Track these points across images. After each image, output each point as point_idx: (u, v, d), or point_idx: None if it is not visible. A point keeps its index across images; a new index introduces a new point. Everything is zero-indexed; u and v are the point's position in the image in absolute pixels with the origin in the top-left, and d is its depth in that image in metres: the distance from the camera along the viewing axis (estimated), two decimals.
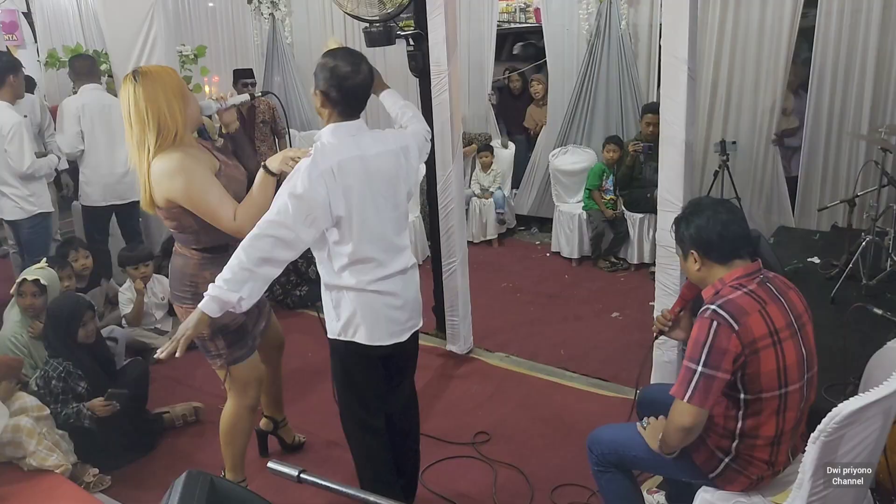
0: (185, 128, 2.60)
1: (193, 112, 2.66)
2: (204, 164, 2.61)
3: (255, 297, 2.31)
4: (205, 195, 2.53)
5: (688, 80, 2.99)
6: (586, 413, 3.68)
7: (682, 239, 2.28)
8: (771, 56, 5.29)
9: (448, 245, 4.20)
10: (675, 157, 3.11)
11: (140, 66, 2.65)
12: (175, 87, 2.58)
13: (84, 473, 3.22)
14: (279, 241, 2.26)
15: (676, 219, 2.32)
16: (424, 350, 4.39)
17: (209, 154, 2.72)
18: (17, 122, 4.47)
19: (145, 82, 2.54)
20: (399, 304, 2.58)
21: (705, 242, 2.20)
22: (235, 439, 2.95)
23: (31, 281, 3.72)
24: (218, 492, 1.72)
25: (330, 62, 2.42)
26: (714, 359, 2.04)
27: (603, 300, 5.22)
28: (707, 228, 2.19)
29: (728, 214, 2.21)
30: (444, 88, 3.89)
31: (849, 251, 4.14)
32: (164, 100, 2.54)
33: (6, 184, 4.56)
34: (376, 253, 2.48)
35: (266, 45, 7.86)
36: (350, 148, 2.40)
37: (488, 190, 6.50)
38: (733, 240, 2.19)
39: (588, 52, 6.03)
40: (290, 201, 2.26)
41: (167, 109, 2.54)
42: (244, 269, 2.25)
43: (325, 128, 2.46)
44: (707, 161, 5.73)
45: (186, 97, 2.62)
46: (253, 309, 2.84)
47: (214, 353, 2.78)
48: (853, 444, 1.95)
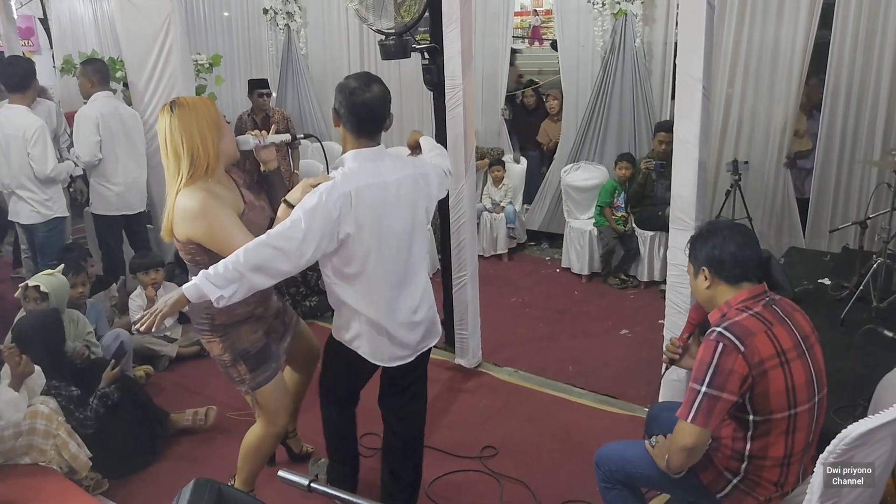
0: (218, 161, 2.60)
1: (228, 146, 2.65)
2: (228, 205, 2.58)
3: (236, 299, 2.31)
4: (228, 237, 2.49)
5: (702, 99, 2.99)
6: (594, 430, 3.67)
7: (695, 256, 2.30)
8: (784, 76, 5.29)
9: (459, 259, 4.21)
10: (689, 176, 3.11)
11: (178, 97, 2.65)
12: (211, 120, 2.58)
13: (84, 477, 3.24)
14: (282, 253, 2.29)
15: (693, 237, 2.35)
16: (433, 363, 4.38)
17: (236, 193, 2.70)
18: (40, 126, 4.53)
19: (181, 113, 2.55)
20: (410, 330, 2.63)
21: (718, 261, 2.22)
22: (256, 459, 2.95)
23: (32, 287, 3.75)
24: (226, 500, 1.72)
25: (343, 82, 2.48)
26: (719, 380, 2.05)
27: (612, 317, 5.21)
28: (722, 248, 2.22)
29: (743, 237, 2.23)
30: (458, 102, 3.91)
31: (860, 273, 4.12)
32: (198, 131, 2.54)
33: (24, 188, 4.61)
34: (390, 278, 2.53)
35: (281, 56, 7.94)
36: (370, 174, 2.45)
37: (499, 204, 6.52)
38: (745, 262, 2.21)
39: (602, 68, 6.05)
40: (303, 217, 2.30)
41: (200, 141, 2.54)
42: (237, 270, 2.25)
43: (347, 153, 2.51)
44: (719, 180, 5.73)
45: (221, 130, 2.62)
46: (278, 326, 2.94)
47: (238, 379, 2.78)
48: None
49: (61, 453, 3.10)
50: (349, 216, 2.38)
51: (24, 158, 4.55)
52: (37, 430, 3.06)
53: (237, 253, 2.27)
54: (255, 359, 2.75)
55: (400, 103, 7.21)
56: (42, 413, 3.10)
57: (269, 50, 7.96)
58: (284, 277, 2.38)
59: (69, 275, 4.10)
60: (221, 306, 2.30)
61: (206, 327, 2.70)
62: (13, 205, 4.74)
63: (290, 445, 3.47)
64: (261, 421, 2.88)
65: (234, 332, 2.70)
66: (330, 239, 2.37)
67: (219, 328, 2.68)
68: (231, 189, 2.68)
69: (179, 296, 2.30)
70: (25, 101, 4.64)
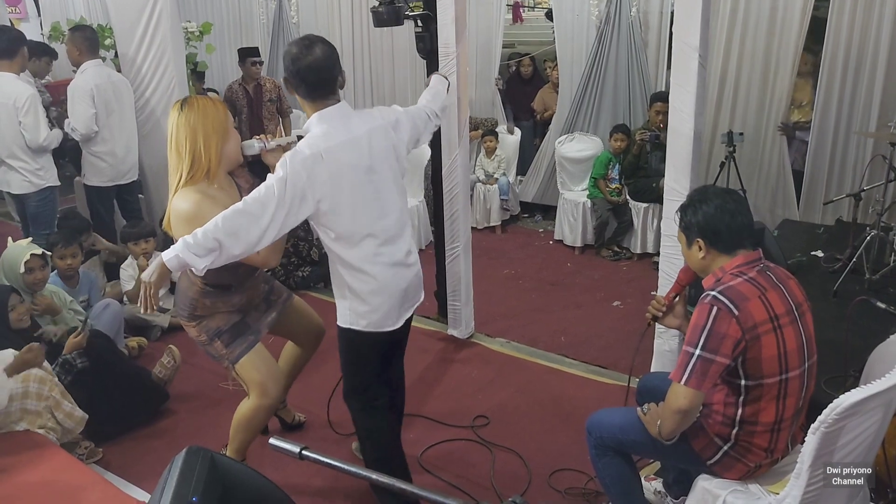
0: (220, 165, 2.64)
1: (231, 150, 2.68)
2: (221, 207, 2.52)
3: (217, 265, 2.32)
4: None
5: (699, 68, 2.97)
6: (585, 399, 3.68)
7: (688, 226, 2.27)
8: (781, 47, 5.25)
9: (452, 230, 4.19)
10: (683, 147, 3.09)
11: (190, 97, 2.70)
12: (217, 124, 2.61)
13: (77, 446, 3.25)
14: (255, 219, 2.28)
15: (682, 206, 2.31)
16: (425, 334, 4.44)
17: (235, 198, 2.66)
18: (32, 94, 4.48)
19: (188, 112, 2.59)
20: (410, 276, 2.66)
21: (712, 232, 2.20)
22: (248, 430, 2.95)
23: (38, 255, 3.71)
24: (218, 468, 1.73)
25: (286, 49, 2.47)
26: (713, 343, 2.06)
27: (604, 289, 5.22)
28: (715, 218, 2.19)
29: (735, 205, 2.21)
30: (451, 70, 3.86)
31: (853, 245, 4.13)
32: (203, 133, 2.58)
33: (15, 157, 4.56)
34: (380, 230, 2.53)
35: (272, 24, 7.82)
36: (339, 132, 2.44)
37: (493, 176, 6.48)
38: (740, 230, 2.20)
39: (597, 38, 5.99)
40: (275, 184, 2.30)
41: (203, 143, 2.58)
42: (215, 238, 2.25)
43: (312, 118, 2.49)
44: (713, 152, 5.70)
45: (226, 135, 2.65)
46: (260, 305, 2.96)
47: (217, 356, 2.85)
48: (853, 435, 1.95)
49: (55, 414, 3.09)
50: (322, 178, 2.35)
51: (15, 127, 4.49)
52: (30, 393, 3.06)
53: (215, 220, 2.27)
54: (228, 334, 2.82)
55: (393, 71, 7.15)
56: (34, 376, 3.10)
57: (259, 18, 7.85)
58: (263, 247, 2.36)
59: (58, 246, 4.06)
60: (201, 273, 2.31)
61: (186, 314, 2.83)
62: (3, 174, 4.68)
63: (281, 416, 3.47)
64: (252, 393, 2.88)
65: (209, 317, 2.80)
66: (302, 202, 2.33)
67: (197, 317, 2.80)
68: (231, 194, 2.71)
69: (160, 266, 2.31)
70: (13, 68, 4.57)
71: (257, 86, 5.79)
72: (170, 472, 1.65)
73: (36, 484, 2.78)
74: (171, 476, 1.62)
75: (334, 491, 3.09)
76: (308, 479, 3.12)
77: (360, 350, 2.69)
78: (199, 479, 1.64)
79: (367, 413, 2.77)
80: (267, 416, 2.97)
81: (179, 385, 3.86)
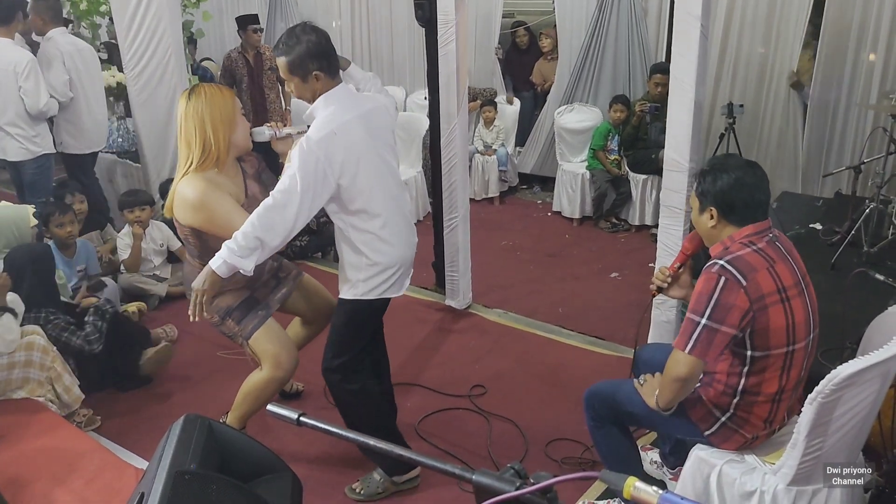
0: (228, 153, 2.66)
1: (240, 139, 2.70)
2: (226, 193, 2.64)
3: (262, 260, 2.44)
4: (229, 222, 2.53)
5: (700, 37, 2.93)
6: (582, 370, 3.70)
7: (704, 193, 2.21)
8: (783, 20, 5.20)
9: (450, 201, 4.17)
10: (684, 117, 3.06)
11: (198, 84, 2.70)
12: (224, 112, 2.62)
13: (76, 413, 3.26)
14: (286, 209, 2.37)
15: (703, 170, 2.25)
16: (423, 304, 4.44)
17: (240, 184, 2.77)
18: (31, 60, 4.45)
19: (196, 102, 2.60)
20: (414, 245, 2.76)
21: (728, 205, 2.16)
22: (256, 402, 2.93)
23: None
24: (216, 435, 1.73)
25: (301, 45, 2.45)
26: (719, 313, 2.04)
27: (602, 260, 5.21)
28: (733, 190, 2.14)
29: (755, 179, 2.17)
30: (450, 39, 3.82)
31: (851, 218, 4.11)
32: (210, 122, 2.60)
33: (13, 124, 4.52)
34: (388, 203, 2.60)
35: None
36: (346, 110, 2.50)
37: (491, 147, 6.44)
38: (756, 206, 2.17)
39: (598, 7, 5.92)
40: (297, 172, 2.36)
41: (212, 133, 2.60)
42: (256, 237, 2.36)
43: (317, 101, 2.52)
44: (713, 124, 5.67)
45: (234, 123, 2.66)
46: (269, 281, 2.96)
47: (230, 334, 2.85)
48: (849, 406, 1.96)
49: (55, 386, 3.12)
50: (339, 156, 2.42)
51: (14, 93, 4.45)
52: (33, 362, 3.09)
53: (250, 220, 2.37)
54: (238, 311, 2.82)
55: (391, 40, 7.07)
56: (38, 345, 3.12)
57: None
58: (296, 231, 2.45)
59: (55, 214, 4.05)
60: (250, 273, 2.43)
61: None
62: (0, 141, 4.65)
63: None
64: (266, 366, 2.87)
65: (217, 297, 2.76)
66: (324, 182, 2.42)
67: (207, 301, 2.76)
68: (236, 181, 2.75)
69: (211, 276, 2.42)
70: (10, 33, 4.52)
71: (257, 54, 5.72)
72: (167, 439, 1.64)
73: (35, 450, 2.81)
74: (169, 443, 1.62)
75: (331, 459, 3.11)
76: (304, 448, 3.14)
77: (361, 320, 2.72)
78: (196, 446, 1.63)
79: (350, 379, 2.78)
80: (277, 389, 2.97)
81: (177, 354, 3.86)
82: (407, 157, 6.12)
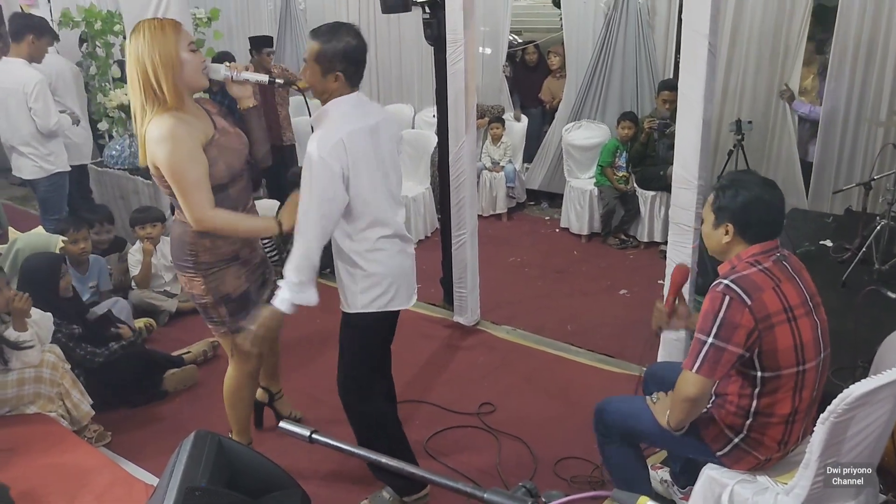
0: (176, 96, 2.44)
1: (190, 77, 2.48)
2: (195, 137, 2.48)
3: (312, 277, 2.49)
4: (184, 172, 2.44)
5: (708, 55, 2.94)
6: (591, 388, 3.68)
7: (722, 208, 2.19)
8: (790, 35, 5.21)
9: (458, 217, 4.18)
10: (693, 135, 3.07)
11: (140, 22, 2.46)
12: (164, 54, 2.40)
13: (86, 429, 3.27)
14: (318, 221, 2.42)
15: (722, 185, 2.22)
16: (431, 321, 4.44)
17: (207, 121, 2.59)
18: (40, 80, 4.52)
19: (135, 41, 2.42)
20: (413, 257, 2.74)
21: (746, 222, 2.15)
22: (239, 403, 2.96)
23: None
24: (226, 452, 1.73)
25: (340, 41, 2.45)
26: (725, 332, 2.04)
27: (611, 277, 5.20)
28: (753, 208, 2.14)
29: (774, 198, 2.16)
30: (459, 57, 3.85)
31: (862, 235, 4.10)
32: (151, 67, 2.40)
33: (26, 144, 4.61)
34: (391, 215, 2.60)
35: (279, 11, 7.81)
36: (356, 118, 2.48)
37: (499, 163, 6.46)
38: (773, 225, 2.17)
39: (605, 25, 5.95)
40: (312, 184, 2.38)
41: (153, 78, 2.41)
42: (307, 258, 2.43)
43: (330, 104, 2.50)
44: (721, 140, 5.67)
45: (176, 64, 2.42)
46: (257, 277, 2.87)
47: (217, 321, 2.76)
48: (862, 426, 1.95)
49: (65, 402, 3.13)
50: (345, 162, 2.41)
51: (25, 113, 4.53)
52: (43, 378, 3.10)
53: (307, 256, 2.42)
54: (235, 303, 2.74)
55: (399, 58, 7.12)
56: (48, 361, 3.15)
57: (267, 5, 7.82)
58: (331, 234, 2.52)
59: (70, 230, 4.09)
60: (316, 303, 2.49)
61: (190, 264, 2.65)
62: (15, 160, 4.75)
63: (277, 408, 3.39)
64: (233, 361, 2.86)
65: (219, 274, 2.67)
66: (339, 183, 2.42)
67: (203, 266, 2.63)
68: (202, 118, 2.58)
69: (272, 312, 2.49)
70: (21, 52, 4.58)
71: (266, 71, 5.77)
72: (178, 456, 1.65)
73: (45, 466, 2.81)
74: (180, 460, 1.62)
75: (340, 476, 3.10)
76: (314, 465, 3.14)
77: (365, 335, 2.70)
78: (207, 463, 1.63)
79: (367, 401, 2.77)
80: (253, 385, 2.97)
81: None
82: (415, 173, 6.14)
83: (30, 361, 3.09)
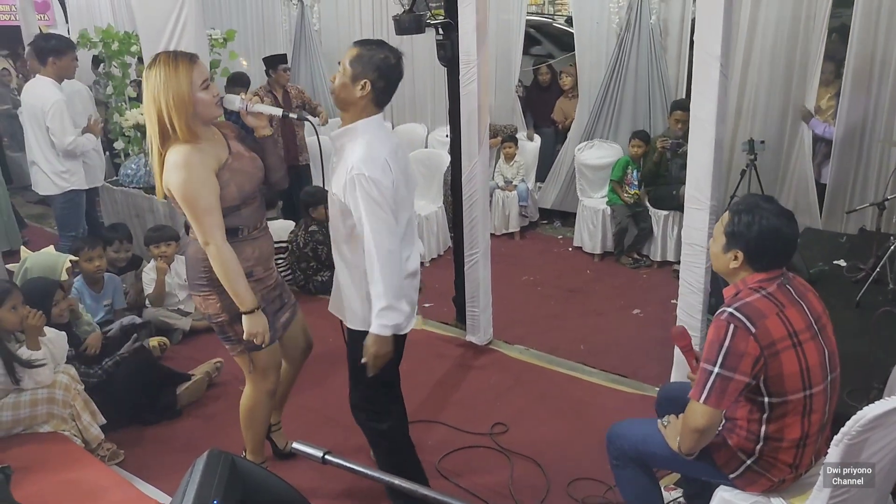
0: (189, 133, 2.48)
1: (203, 111, 2.53)
2: (207, 164, 2.51)
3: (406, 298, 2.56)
4: (196, 199, 2.48)
5: (720, 77, 2.95)
6: (605, 408, 3.67)
7: (735, 234, 2.15)
8: (803, 55, 5.22)
9: (471, 236, 4.19)
10: (705, 155, 3.07)
11: (157, 56, 2.51)
12: (178, 94, 2.45)
13: (99, 447, 3.28)
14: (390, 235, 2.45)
15: (739, 209, 2.17)
16: (444, 340, 4.44)
17: (222, 144, 2.62)
18: (58, 100, 4.62)
19: (152, 81, 2.47)
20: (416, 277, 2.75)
21: (756, 252, 2.13)
22: (255, 423, 2.96)
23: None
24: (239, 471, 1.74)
25: (379, 53, 2.49)
26: (731, 361, 2.03)
27: (624, 296, 5.19)
28: (767, 238, 2.11)
29: (790, 231, 2.13)
30: (472, 78, 3.88)
31: (876, 255, 4.08)
32: (165, 106, 2.45)
33: (44, 160, 4.74)
34: (410, 232, 2.65)
35: (294, 32, 7.89)
36: (386, 141, 2.54)
37: (511, 182, 6.48)
38: (784, 257, 2.16)
39: (617, 45, 5.98)
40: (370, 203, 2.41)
41: (167, 116, 2.46)
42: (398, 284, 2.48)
43: (358, 125, 2.52)
44: (734, 160, 5.67)
45: (189, 104, 2.47)
46: (275, 299, 2.86)
47: (234, 339, 2.73)
48: (877, 448, 1.93)
49: (76, 423, 3.15)
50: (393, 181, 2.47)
51: (43, 130, 4.66)
52: (56, 399, 3.12)
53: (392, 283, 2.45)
54: None
55: (413, 80, 7.17)
56: (61, 383, 3.16)
57: (282, 25, 7.92)
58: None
59: (85, 248, 4.13)
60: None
61: (205, 282, 2.64)
62: (34, 175, 4.87)
63: (273, 440, 3.31)
64: (250, 380, 2.86)
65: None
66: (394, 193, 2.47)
67: (217, 283, 2.60)
68: (217, 145, 2.61)
69: (374, 340, 2.48)
70: (49, 72, 4.70)
71: (285, 92, 5.84)
72: (191, 474, 1.65)
73: (59, 483, 2.82)
74: (193, 479, 1.63)
75: (352, 495, 3.09)
76: (326, 483, 3.13)
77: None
78: (220, 481, 1.64)
79: (379, 419, 2.78)
80: (268, 404, 2.94)
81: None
82: (428, 192, 6.17)
83: (42, 381, 3.10)
